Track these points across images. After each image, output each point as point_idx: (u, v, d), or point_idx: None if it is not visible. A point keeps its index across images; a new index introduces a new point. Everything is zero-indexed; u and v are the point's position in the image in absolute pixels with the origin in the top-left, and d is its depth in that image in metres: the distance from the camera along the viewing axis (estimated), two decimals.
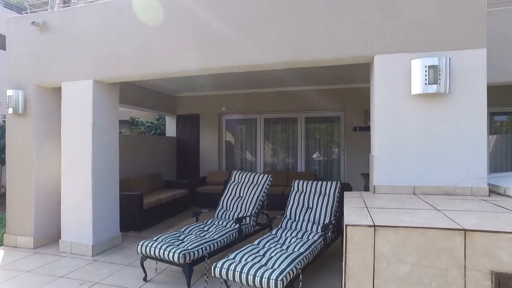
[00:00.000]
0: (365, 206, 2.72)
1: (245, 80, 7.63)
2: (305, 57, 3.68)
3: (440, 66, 3.17)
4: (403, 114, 3.37)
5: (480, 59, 3.21)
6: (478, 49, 3.22)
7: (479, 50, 3.22)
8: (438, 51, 3.28)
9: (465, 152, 3.23)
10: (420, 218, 2.30)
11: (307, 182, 4.63)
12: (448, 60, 3.20)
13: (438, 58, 3.19)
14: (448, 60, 3.20)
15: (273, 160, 9.16)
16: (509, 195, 3.17)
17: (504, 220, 2.25)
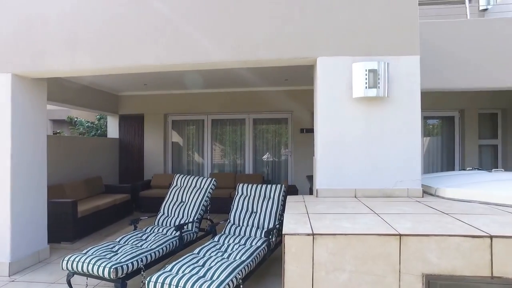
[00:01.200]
0: (306, 211, 2.65)
1: (192, 80, 7.37)
2: (249, 56, 3.55)
3: (379, 71, 3.22)
4: (344, 117, 3.38)
5: (415, 65, 3.32)
6: (413, 56, 3.33)
7: (413, 57, 3.33)
8: (377, 56, 3.34)
9: (402, 154, 3.32)
10: (359, 224, 2.27)
11: (251, 186, 4.51)
12: (387, 65, 3.27)
13: (377, 62, 3.24)
14: (387, 65, 3.27)
15: (221, 161, 8.97)
16: (439, 195, 3.30)
17: (434, 221, 2.30)
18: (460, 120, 7.92)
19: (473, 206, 2.82)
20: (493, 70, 4.85)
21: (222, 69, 3.89)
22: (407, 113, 3.32)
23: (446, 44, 4.88)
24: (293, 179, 8.25)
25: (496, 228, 2.12)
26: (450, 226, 2.19)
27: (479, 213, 2.54)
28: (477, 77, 4.84)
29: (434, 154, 8.14)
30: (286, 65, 3.67)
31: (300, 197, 3.37)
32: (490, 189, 3.08)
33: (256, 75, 6.54)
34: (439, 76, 4.74)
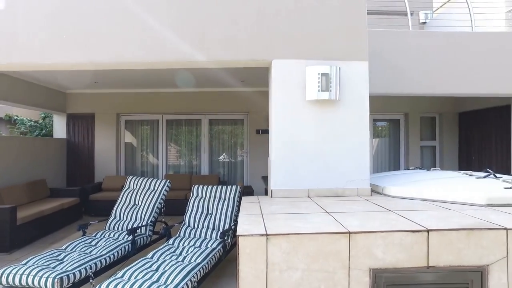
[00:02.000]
0: (261, 212, 2.69)
1: (146, 79, 7.15)
2: (203, 57, 3.52)
3: (331, 75, 3.35)
4: (298, 119, 3.48)
5: (364, 71, 3.50)
6: (362, 61, 3.51)
7: (362, 62, 3.51)
8: (329, 61, 3.47)
9: (352, 155, 3.49)
10: (311, 223, 2.35)
11: (206, 187, 4.48)
12: (338, 69, 3.41)
13: (330, 66, 3.37)
14: (338, 69, 3.41)
15: (177, 162, 8.80)
16: (385, 193, 3.52)
17: (380, 219, 2.44)
18: (405, 123, 8.48)
19: (414, 203, 3.04)
20: (431, 78, 5.27)
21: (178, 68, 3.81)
22: (357, 116, 3.49)
23: (391, 52, 5.21)
24: (249, 180, 8.31)
25: (432, 222, 2.30)
26: (394, 222, 2.34)
27: (419, 209, 2.74)
28: (416, 83, 5.24)
29: (382, 155, 8.63)
30: (242, 67, 3.69)
31: (255, 198, 3.40)
32: (428, 187, 3.34)
33: (212, 76, 6.49)
34: (385, 82, 5.05)
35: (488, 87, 5.42)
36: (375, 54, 4.69)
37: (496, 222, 2.29)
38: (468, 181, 3.47)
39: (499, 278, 2.17)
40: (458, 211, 2.66)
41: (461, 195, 3.02)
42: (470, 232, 2.17)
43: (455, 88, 5.38)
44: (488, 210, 2.71)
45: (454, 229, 2.17)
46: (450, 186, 3.31)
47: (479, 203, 2.92)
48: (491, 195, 2.92)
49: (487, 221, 2.34)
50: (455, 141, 8.39)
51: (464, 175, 3.88)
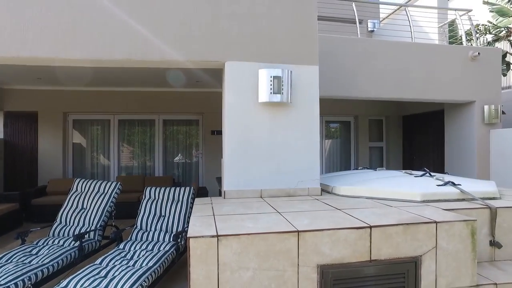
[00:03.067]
0: (213, 213, 2.70)
1: (96, 76, 6.80)
2: (155, 57, 3.45)
3: (283, 78, 3.45)
4: (251, 120, 3.53)
5: (314, 75, 3.65)
6: (313, 65, 3.65)
7: (313, 66, 3.66)
8: (281, 64, 3.57)
9: (303, 156, 3.61)
10: (262, 223, 2.40)
11: (159, 189, 4.39)
12: (290, 72, 3.52)
13: (281, 70, 3.46)
14: (290, 73, 3.52)
15: (130, 164, 8.49)
16: (335, 193, 3.69)
17: (328, 217, 2.57)
18: (355, 125, 8.93)
19: (361, 201, 3.23)
20: (377, 83, 5.62)
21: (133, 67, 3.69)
22: (308, 118, 3.63)
23: (340, 57, 5.48)
24: (204, 181, 8.25)
25: (374, 219, 2.47)
26: (341, 220, 2.47)
27: (364, 207, 2.92)
28: (363, 88, 5.55)
29: (334, 155, 9.01)
30: (196, 67, 3.67)
31: (208, 199, 3.41)
32: (373, 186, 3.56)
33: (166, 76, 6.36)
34: (335, 85, 5.29)
35: (425, 93, 5.89)
36: (326, 59, 4.90)
37: (428, 217, 2.51)
38: (408, 180, 3.75)
39: (429, 266, 2.38)
40: (398, 208, 2.87)
41: (401, 193, 3.26)
42: (407, 227, 2.35)
43: (398, 93, 5.78)
44: (423, 206, 2.95)
45: (394, 224, 2.34)
46: (392, 185, 3.55)
47: (416, 199, 3.17)
48: (426, 192, 3.19)
49: (421, 215, 2.56)
50: (400, 142, 8.99)
51: (405, 174, 4.19)
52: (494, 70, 6.28)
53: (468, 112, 6.29)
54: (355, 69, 5.54)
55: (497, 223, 2.93)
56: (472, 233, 2.45)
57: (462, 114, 6.42)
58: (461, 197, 3.21)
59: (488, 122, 6.12)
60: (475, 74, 6.11)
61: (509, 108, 7.69)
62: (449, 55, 6.04)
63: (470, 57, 6.01)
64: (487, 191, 3.31)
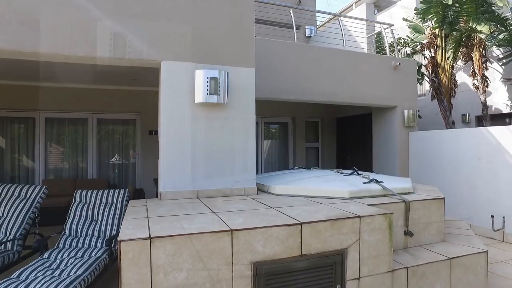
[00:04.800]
0: (147, 215, 2.64)
1: (17, 69, 6.19)
2: (84, 52, 3.26)
3: (220, 79, 3.49)
4: (187, 121, 3.51)
5: (251, 77, 3.75)
6: (249, 68, 3.74)
7: (250, 69, 3.75)
8: (218, 65, 3.60)
9: (239, 156, 3.68)
10: (197, 224, 2.41)
11: (91, 192, 4.15)
12: (227, 74, 3.57)
13: (218, 71, 3.49)
14: (227, 74, 3.57)
15: (59, 166, 7.86)
16: (270, 192, 3.82)
17: (262, 215, 2.66)
18: (292, 126, 9.29)
19: (294, 200, 3.39)
20: (310, 86, 5.94)
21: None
22: (244, 119, 3.71)
23: (277, 60, 5.68)
24: (142, 183, 7.96)
25: (305, 216, 2.62)
26: (274, 218, 2.58)
27: (296, 205, 3.08)
28: (297, 90, 5.83)
29: (273, 155, 9.28)
30: (130, 66, 3.55)
31: (143, 201, 3.31)
32: (306, 185, 3.76)
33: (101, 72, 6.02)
34: (270, 87, 5.47)
35: (354, 97, 6.36)
36: (264, 62, 5.06)
37: (353, 212, 2.73)
38: (338, 178, 4.02)
39: (354, 256, 2.59)
40: (328, 205, 3.07)
41: (331, 191, 3.50)
42: (334, 222, 2.54)
43: (330, 97, 6.17)
44: (350, 202, 3.20)
45: (322, 220, 2.51)
46: (324, 183, 3.78)
47: (344, 196, 3.42)
48: (353, 190, 3.46)
49: (347, 211, 2.77)
50: (334, 143, 9.57)
51: (336, 173, 4.49)
52: (411, 79, 7.01)
53: (391, 116, 6.93)
54: (290, 72, 5.78)
55: (410, 215, 3.28)
56: (390, 225, 2.72)
57: (386, 118, 7.05)
58: (383, 193, 3.53)
59: (407, 125, 6.80)
60: (396, 82, 6.75)
61: (423, 113, 8.65)
62: (375, 64, 6.60)
63: (392, 67, 6.64)
64: (404, 187, 3.69)
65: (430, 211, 3.38)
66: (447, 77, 8.38)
